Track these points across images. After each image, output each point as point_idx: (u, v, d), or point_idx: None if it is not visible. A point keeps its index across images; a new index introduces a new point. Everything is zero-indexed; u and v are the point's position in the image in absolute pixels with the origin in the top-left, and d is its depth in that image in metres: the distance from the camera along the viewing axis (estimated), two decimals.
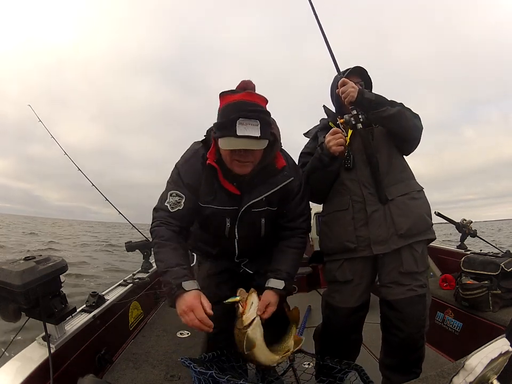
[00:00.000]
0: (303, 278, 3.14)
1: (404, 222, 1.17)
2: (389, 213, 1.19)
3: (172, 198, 1.09)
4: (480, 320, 1.57)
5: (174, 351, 1.27)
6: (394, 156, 1.26)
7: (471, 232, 2.28)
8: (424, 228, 1.22)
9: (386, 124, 1.22)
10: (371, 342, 1.42)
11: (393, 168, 1.24)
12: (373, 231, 1.18)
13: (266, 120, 0.99)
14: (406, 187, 1.23)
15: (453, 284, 1.87)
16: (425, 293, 1.20)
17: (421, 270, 1.20)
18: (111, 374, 1.12)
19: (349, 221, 1.21)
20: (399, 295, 1.17)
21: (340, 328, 1.28)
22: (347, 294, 1.25)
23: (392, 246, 1.18)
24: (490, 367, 0.61)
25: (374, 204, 1.20)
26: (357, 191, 1.22)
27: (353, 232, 1.20)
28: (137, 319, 1.55)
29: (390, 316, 1.20)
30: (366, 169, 1.21)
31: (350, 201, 1.22)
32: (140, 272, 1.90)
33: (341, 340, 1.30)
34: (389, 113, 1.16)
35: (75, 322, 1.07)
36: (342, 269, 1.25)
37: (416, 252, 1.19)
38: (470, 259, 1.72)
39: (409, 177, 1.28)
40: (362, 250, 1.20)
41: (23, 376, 0.81)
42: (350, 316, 1.25)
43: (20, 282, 0.81)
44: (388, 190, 1.20)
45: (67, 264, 0.98)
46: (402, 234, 1.17)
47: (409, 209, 1.20)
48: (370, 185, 1.21)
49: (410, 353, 1.20)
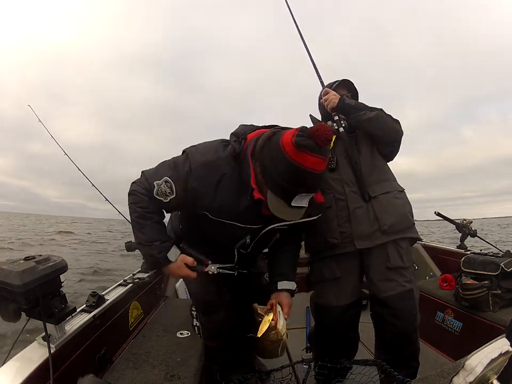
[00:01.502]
0: (303, 278, 3.13)
1: (387, 218, 1.22)
2: (372, 210, 1.23)
3: (163, 186, 1.00)
4: (480, 320, 1.57)
5: (174, 351, 1.27)
6: (377, 159, 1.33)
7: (471, 232, 2.28)
8: (407, 226, 1.27)
9: (366, 127, 1.29)
10: (369, 339, 1.42)
11: (375, 170, 1.30)
12: (355, 227, 1.22)
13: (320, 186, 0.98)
14: (389, 186, 1.29)
15: (453, 284, 1.87)
16: (413, 288, 1.24)
17: (406, 265, 1.24)
18: (111, 374, 1.12)
19: (332, 218, 1.25)
20: (389, 291, 1.20)
21: (334, 328, 1.30)
22: (337, 291, 1.27)
23: (375, 241, 1.22)
24: (490, 367, 0.61)
25: (356, 201, 1.24)
26: (339, 189, 1.27)
27: (336, 228, 1.24)
28: (137, 319, 1.55)
29: (382, 313, 1.23)
30: (349, 169, 1.27)
31: (333, 199, 1.26)
32: (139, 272, 1.89)
33: (337, 339, 1.31)
34: (368, 116, 1.25)
35: (75, 322, 1.07)
36: (329, 267, 1.28)
37: (401, 248, 1.24)
38: (470, 259, 1.71)
39: (391, 179, 1.34)
40: (346, 246, 1.24)
41: (23, 376, 0.81)
42: (343, 314, 1.27)
43: (20, 282, 0.81)
44: (371, 188, 1.25)
45: (67, 264, 0.98)
46: (385, 230, 1.21)
47: (392, 207, 1.24)
48: (353, 183, 1.26)
49: (405, 348, 1.23)
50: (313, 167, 0.86)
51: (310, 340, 1.48)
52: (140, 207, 1.03)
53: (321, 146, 0.85)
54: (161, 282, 2.13)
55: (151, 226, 1.03)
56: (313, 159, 0.85)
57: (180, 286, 2.34)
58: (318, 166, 0.87)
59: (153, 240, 1.02)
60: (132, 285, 1.56)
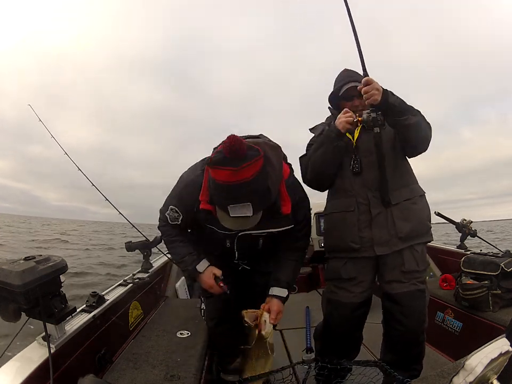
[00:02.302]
0: (303, 278, 3.14)
1: (404, 226, 1.21)
2: (391, 216, 1.22)
3: (172, 213, 1.21)
4: (480, 320, 1.57)
5: (174, 351, 1.27)
6: (400, 159, 1.28)
7: (471, 232, 2.28)
8: (423, 232, 1.26)
9: (403, 132, 1.19)
10: (371, 341, 1.42)
11: (398, 172, 1.26)
12: (375, 233, 1.22)
13: (258, 195, 0.95)
14: (409, 192, 1.26)
15: (453, 284, 1.87)
16: (425, 289, 1.24)
17: (421, 268, 1.24)
18: (111, 374, 1.12)
19: (354, 222, 1.25)
20: (401, 289, 1.21)
21: (343, 324, 1.30)
22: (350, 290, 1.28)
23: (393, 247, 1.22)
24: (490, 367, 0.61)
25: (377, 206, 1.22)
26: (362, 194, 1.25)
27: (357, 233, 1.24)
28: (137, 319, 1.55)
29: (392, 310, 1.23)
30: (373, 172, 1.23)
31: (355, 203, 1.25)
32: (140, 272, 1.89)
33: (343, 336, 1.32)
34: (409, 122, 1.13)
35: (75, 322, 1.07)
36: (346, 267, 1.28)
37: (416, 252, 1.23)
38: (470, 259, 1.71)
39: (412, 182, 1.31)
40: (365, 251, 1.24)
41: (23, 376, 0.81)
42: (353, 311, 1.28)
43: (20, 282, 0.81)
44: (392, 194, 1.22)
45: (67, 264, 0.98)
46: (402, 237, 1.21)
47: (411, 214, 1.23)
48: (375, 188, 1.23)
49: (411, 348, 1.23)
50: (226, 179, 0.91)
51: (316, 335, 1.48)
52: (165, 236, 1.30)
53: (231, 158, 0.89)
54: (161, 282, 2.13)
55: (178, 247, 1.26)
56: (223, 172, 0.91)
57: (180, 286, 2.34)
58: (229, 177, 0.90)
59: (183, 256, 1.24)
60: (131, 285, 1.56)
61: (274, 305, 1.20)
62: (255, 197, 0.94)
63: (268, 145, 1.02)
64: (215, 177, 0.94)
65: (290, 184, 1.15)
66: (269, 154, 0.99)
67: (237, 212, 0.95)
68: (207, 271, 1.22)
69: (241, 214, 0.95)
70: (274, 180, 1.01)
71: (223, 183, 0.92)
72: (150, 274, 1.87)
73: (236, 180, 0.90)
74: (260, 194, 0.96)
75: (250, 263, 1.35)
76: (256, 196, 0.94)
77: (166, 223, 1.25)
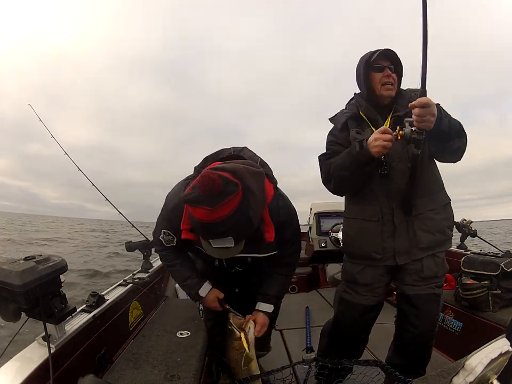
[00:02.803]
0: (303, 278, 3.14)
1: (425, 236, 1.17)
2: (412, 226, 1.18)
3: (165, 236, 1.20)
4: (480, 320, 1.57)
5: (174, 351, 1.27)
6: (430, 166, 1.20)
7: (471, 232, 2.28)
8: (444, 241, 1.22)
9: (444, 155, 1.16)
10: (372, 342, 1.42)
11: (424, 180, 1.17)
12: (398, 243, 1.18)
13: (239, 228, 0.91)
14: (433, 202, 1.20)
15: (453, 284, 1.88)
16: (440, 294, 1.22)
17: (440, 274, 1.22)
18: (111, 374, 1.11)
19: (377, 233, 1.20)
20: (418, 291, 1.19)
21: (352, 325, 1.30)
22: (365, 292, 1.26)
23: (413, 257, 1.19)
24: (490, 367, 0.61)
25: (400, 216, 1.18)
26: (386, 203, 1.18)
27: (380, 244, 1.20)
28: (137, 319, 1.55)
29: (408, 312, 1.22)
30: (399, 180, 1.14)
31: (380, 212, 1.19)
32: (139, 272, 1.89)
33: (350, 337, 1.32)
34: (453, 147, 1.07)
35: (75, 322, 1.07)
36: (363, 273, 1.26)
37: (438, 259, 1.21)
38: (470, 259, 1.72)
39: (438, 190, 1.23)
40: (386, 260, 1.21)
41: (23, 376, 0.81)
42: (364, 314, 1.27)
43: (20, 282, 0.81)
44: (414, 203, 1.16)
45: (67, 264, 0.98)
46: (422, 248, 1.18)
47: (432, 224, 1.18)
48: (399, 197, 1.16)
49: (420, 351, 1.23)
50: (202, 218, 0.87)
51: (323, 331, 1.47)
52: (164, 260, 1.30)
53: (206, 197, 0.84)
54: (161, 282, 2.12)
55: (178, 271, 1.27)
56: (199, 210, 0.86)
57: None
58: (206, 216, 0.86)
59: (184, 279, 1.25)
60: (131, 285, 1.56)
61: (260, 318, 1.22)
62: (236, 230, 0.91)
63: (248, 172, 0.95)
64: (192, 213, 0.90)
65: (273, 206, 1.11)
66: (250, 182, 0.93)
67: (218, 243, 0.93)
68: (211, 294, 1.25)
69: (222, 245, 0.93)
70: (256, 208, 0.96)
71: (202, 221, 0.89)
72: (150, 274, 1.87)
73: (212, 219, 0.86)
74: (241, 226, 0.92)
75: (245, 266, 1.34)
76: (236, 229, 0.91)
77: (163, 247, 1.24)
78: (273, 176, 1.16)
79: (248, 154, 1.14)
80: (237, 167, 0.94)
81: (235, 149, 1.15)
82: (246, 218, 0.91)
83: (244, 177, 0.91)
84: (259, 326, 1.20)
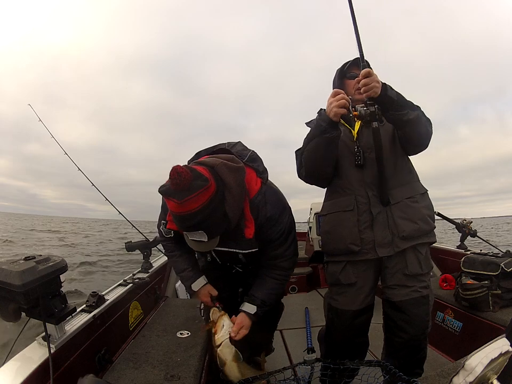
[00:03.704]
0: (303, 278, 3.14)
1: (406, 224, 1.16)
2: (391, 216, 1.17)
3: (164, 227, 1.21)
4: (480, 320, 1.57)
5: (174, 351, 1.27)
6: (400, 156, 1.23)
7: (471, 232, 2.28)
8: (426, 231, 1.20)
9: (402, 127, 1.15)
10: (373, 342, 1.41)
11: (398, 170, 1.21)
12: (377, 234, 1.16)
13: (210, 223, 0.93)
14: (410, 190, 1.21)
15: (453, 284, 1.88)
16: (429, 294, 1.19)
17: (425, 271, 1.19)
18: (111, 374, 1.11)
19: (353, 222, 1.19)
20: (404, 296, 1.16)
21: (344, 332, 1.27)
22: (351, 296, 1.23)
23: (396, 248, 1.16)
24: (490, 367, 0.61)
25: (378, 205, 1.17)
26: (362, 192, 1.19)
27: (358, 234, 1.18)
28: (137, 319, 1.55)
29: (394, 317, 1.19)
30: (373, 169, 1.17)
31: (355, 201, 1.19)
32: (140, 272, 1.89)
33: (345, 343, 1.28)
34: (408, 117, 1.09)
35: (75, 322, 1.07)
36: (345, 272, 1.23)
37: (420, 254, 1.18)
38: (470, 259, 1.71)
39: (413, 180, 1.25)
40: (366, 253, 1.18)
41: (23, 376, 0.81)
42: (354, 319, 1.24)
43: (20, 282, 0.81)
44: (391, 192, 1.17)
45: (67, 264, 0.98)
46: (404, 237, 1.16)
47: (412, 212, 1.17)
48: (375, 186, 1.17)
49: (413, 354, 1.20)
50: (173, 210, 0.91)
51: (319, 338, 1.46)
52: (166, 251, 1.36)
53: (175, 190, 0.85)
54: (161, 282, 2.12)
55: (176, 262, 1.30)
56: (170, 202, 0.89)
57: (180, 286, 2.34)
58: (175, 209, 0.89)
59: (181, 271, 1.28)
60: (131, 285, 1.56)
61: (239, 318, 1.18)
62: (207, 225, 0.92)
63: (226, 167, 0.97)
64: (168, 206, 0.93)
65: (258, 202, 1.08)
66: (227, 177, 0.95)
67: (193, 236, 0.95)
68: (203, 289, 1.26)
69: (197, 238, 0.95)
70: (233, 203, 0.97)
71: (174, 213, 0.92)
72: (150, 274, 1.87)
73: (181, 212, 0.89)
74: (213, 221, 0.93)
75: (244, 267, 1.35)
76: (208, 224, 0.92)
77: (163, 239, 1.30)
78: (264, 171, 1.15)
79: (238, 148, 1.16)
80: (216, 162, 0.96)
81: (229, 144, 1.17)
82: (219, 213, 0.93)
83: (221, 172, 0.94)
84: (235, 326, 1.15)
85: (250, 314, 1.18)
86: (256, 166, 1.13)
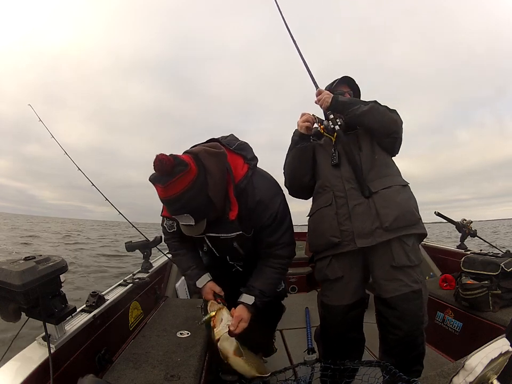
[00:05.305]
0: (303, 278, 3.14)
1: (388, 213, 1.17)
2: (373, 206, 1.19)
3: (167, 221, 1.28)
4: (480, 320, 1.57)
5: (174, 351, 1.27)
6: (378, 153, 1.30)
7: (471, 232, 2.28)
8: (412, 222, 1.20)
9: (362, 121, 1.27)
10: (372, 341, 1.41)
11: (377, 165, 1.27)
12: (356, 225, 1.19)
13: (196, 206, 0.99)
14: (390, 181, 1.25)
15: (453, 284, 1.88)
16: (421, 289, 1.18)
17: (413, 264, 1.18)
18: (111, 374, 1.11)
19: (332, 216, 1.24)
20: (394, 292, 1.16)
21: (336, 327, 1.28)
22: (340, 291, 1.25)
23: (378, 239, 1.17)
24: (490, 367, 0.61)
25: (356, 198, 1.22)
26: (339, 187, 1.26)
27: (337, 227, 1.22)
28: (137, 319, 1.55)
29: (386, 314, 1.20)
30: (349, 166, 1.26)
31: (333, 197, 1.25)
32: (140, 272, 1.89)
33: (339, 339, 1.30)
34: (362, 110, 1.23)
35: (75, 322, 1.07)
36: (331, 266, 1.26)
37: (406, 246, 1.18)
38: (470, 259, 1.71)
39: (393, 173, 1.30)
40: (347, 245, 1.20)
41: (23, 376, 0.80)
42: (345, 314, 1.25)
43: (20, 282, 0.81)
44: (371, 184, 1.22)
45: (67, 264, 0.98)
46: (387, 227, 1.16)
47: (394, 201, 1.19)
48: (353, 180, 1.23)
49: (410, 351, 1.20)
50: (160, 195, 0.98)
51: (316, 337, 1.47)
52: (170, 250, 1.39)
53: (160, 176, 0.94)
54: (161, 282, 2.12)
55: (180, 260, 1.32)
56: (157, 188, 0.97)
57: (180, 286, 2.34)
58: (161, 193, 0.97)
59: (185, 269, 1.30)
60: (131, 285, 1.56)
61: (238, 310, 1.16)
62: (193, 208, 0.98)
63: (207, 153, 1.02)
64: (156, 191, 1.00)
65: (244, 186, 1.10)
66: (207, 162, 1.01)
67: (182, 220, 1.01)
68: (207, 287, 1.27)
69: (185, 222, 1.01)
70: (214, 187, 1.01)
71: (162, 198, 0.99)
72: (150, 274, 1.87)
73: (166, 196, 0.96)
74: (198, 204, 0.99)
75: (245, 266, 1.35)
76: (193, 207, 0.98)
77: (168, 235, 1.32)
78: (252, 158, 1.19)
79: (228, 139, 1.21)
80: (198, 149, 1.04)
81: (223, 137, 1.22)
82: (203, 196, 0.99)
83: (202, 158, 1.00)
84: (235, 320, 1.13)
85: (249, 305, 1.17)
86: (244, 153, 1.17)
